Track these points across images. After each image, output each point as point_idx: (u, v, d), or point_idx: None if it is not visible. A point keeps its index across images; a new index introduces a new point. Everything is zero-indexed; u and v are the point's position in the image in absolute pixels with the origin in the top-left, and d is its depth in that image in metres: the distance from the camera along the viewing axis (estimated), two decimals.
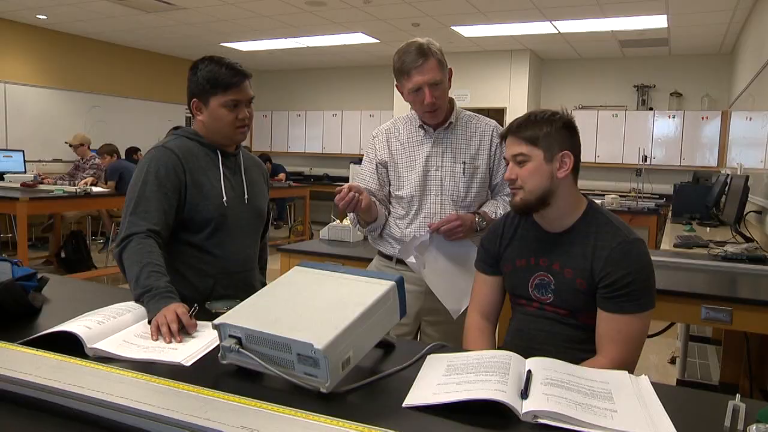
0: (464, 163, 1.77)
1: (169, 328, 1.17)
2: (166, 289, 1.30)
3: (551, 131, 1.33)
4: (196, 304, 1.33)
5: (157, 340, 1.16)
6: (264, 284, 1.74)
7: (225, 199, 1.56)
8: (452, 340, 1.63)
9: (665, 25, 5.75)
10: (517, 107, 7.23)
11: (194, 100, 1.56)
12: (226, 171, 1.61)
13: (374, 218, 1.77)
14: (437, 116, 1.72)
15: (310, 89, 9.59)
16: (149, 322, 1.22)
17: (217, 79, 1.51)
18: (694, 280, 2.15)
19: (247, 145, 9.22)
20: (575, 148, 1.37)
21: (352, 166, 8.35)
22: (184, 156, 1.54)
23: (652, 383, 1.00)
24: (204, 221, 1.54)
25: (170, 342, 1.15)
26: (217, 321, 1.01)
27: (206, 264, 1.55)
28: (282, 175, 7.94)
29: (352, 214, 1.79)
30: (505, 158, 1.40)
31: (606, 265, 1.30)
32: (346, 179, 8.67)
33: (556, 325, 1.39)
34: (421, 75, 1.65)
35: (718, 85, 7.05)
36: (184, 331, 1.19)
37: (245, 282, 1.64)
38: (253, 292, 1.69)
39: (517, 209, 1.39)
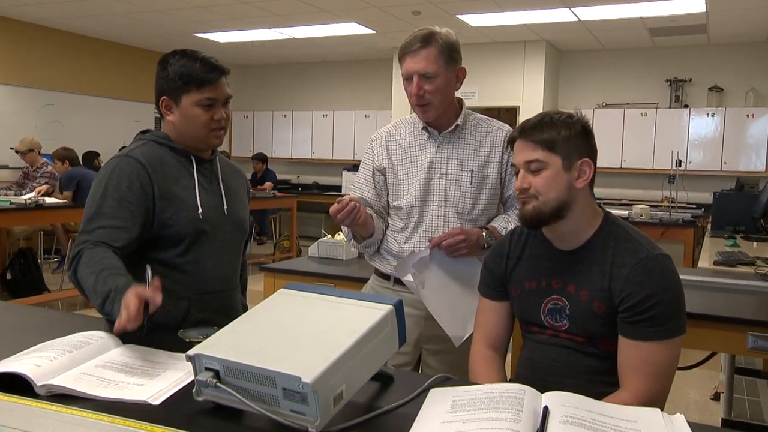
0: (472, 171, 1.79)
1: (129, 313, 1.15)
2: (127, 286, 1.27)
3: (570, 135, 1.35)
4: (148, 268, 1.29)
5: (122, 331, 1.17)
6: (246, 307, 1.75)
7: (201, 211, 1.58)
8: (457, 372, 1.64)
9: (703, 10, 5.80)
10: (531, 106, 7.27)
11: (164, 97, 1.58)
12: (201, 179, 1.63)
13: (371, 233, 1.79)
14: (428, 113, 1.75)
15: (297, 86, 9.64)
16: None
17: (191, 74, 1.53)
18: (738, 303, 2.16)
19: (226, 149, 9.24)
20: (593, 156, 1.39)
21: (344, 173, 8.44)
22: (152, 165, 1.56)
23: (693, 423, 1.00)
24: (177, 236, 1.56)
25: (136, 325, 1.15)
26: (191, 352, 1.02)
27: (178, 284, 1.56)
28: (268, 185, 7.96)
29: (346, 228, 1.81)
30: (513, 165, 1.42)
31: (626, 285, 1.31)
32: (338, 188, 8.69)
33: (573, 354, 1.40)
34: (413, 62, 1.70)
35: (765, 77, 7.10)
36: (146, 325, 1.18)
37: (224, 304, 1.65)
38: (235, 316, 1.70)
39: (527, 219, 1.39)
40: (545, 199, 1.35)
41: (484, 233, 1.76)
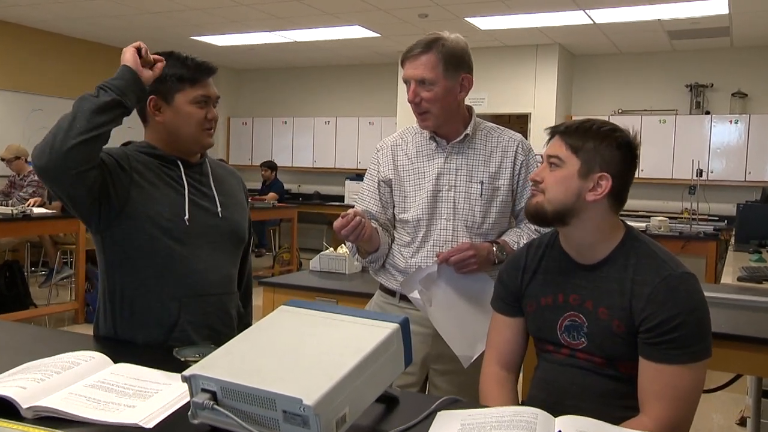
0: (482, 182, 1.80)
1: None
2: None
3: (599, 147, 1.37)
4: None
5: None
6: (241, 314, 1.76)
7: (187, 216, 1.60)
8: (466, 393, 1.64)
9: (726, 11, 5.80)
10: (543, 113, 7.29)
11: (152, 97, 1.60)
12: (191, 182, 1.65)
13: (376, 248, 1.80)
14: (426, 122, 1.77)
15: (298, 92, 9.68)
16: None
17: (184, 73, 1.59)
18: (764, 322, 2.15)
19: (223, 158, 9.28)
20: (622, 175, 1.38)
21: (348, 182, 8.47)
22: (135, 160, 1.58)
23: None
24: (162, 233, 1.56)
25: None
26: (187, 372, 1.02)
27: (169, 284, 1.58)
28: (272, 195, 7.95)
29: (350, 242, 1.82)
30: (541, 156, 1.46)
31: (648, 305, 1.31)
32: (341, 198, 8.71)
33: (590, 375, 1.40)
34: (411, 68, 1.73)
35: None
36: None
37: (219, 307, 1.66)
38: (229, 321, 1.69)
39: (528, 212, 1.44)
40: (549, 197, 1.38)
41: (494, 248, 1.76)
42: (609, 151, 1.37)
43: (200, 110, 1.61)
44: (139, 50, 1.50)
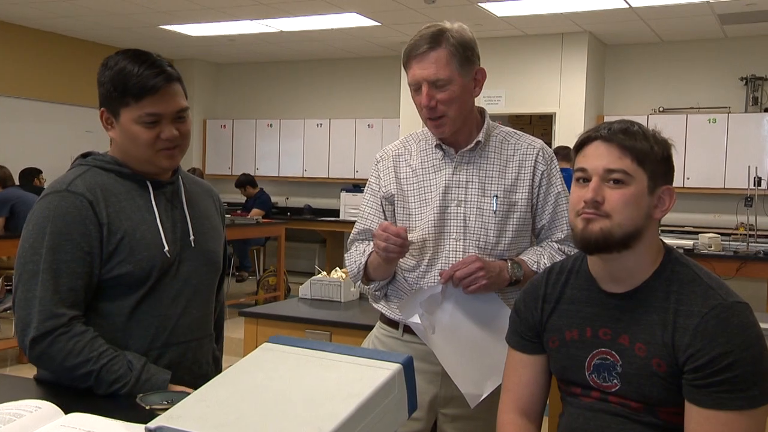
0: (496, 196, 1.80)
1: None
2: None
3: (661, 156, 1.37)
4: None
5: None
6: (217, 358, 1.76)
7: (167, 248, 1.59)
8: None
9: None
10: (570, 112, 7.30)
11: (103, 110, 1.58)
12: (163, 206, 1.63)
13: (390, 275, 1.83)
14: (442, 128, 1.77)
15: (285, 90, 9.74)
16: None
17: (127, 82, 1.51)
18: None
19: (199, 167, 9.30)
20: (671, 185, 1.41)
21: (343, 194, 8.50)
22: (98, 199, 1.54)
23: None
24: (135, 282, 1.56)
25: None
26: (152, 424, 1.02)
27: (136, 334, 1.57)
28: (255, 212, 7.96)
29: (356, 264, 1.83)
30: (583, 170, 1.38)
31: (695, 339, 1.31)
32: (335, 212, 8.73)
33: (626, 423, 1.39)
34: (420, 68, 1.72)
35: None
36: None
37: (191, 357, 1.65)
38: (199, 371, 1.68)
39: (590, 241, 1.35)
40: (619, 220, 1.34)
41: (509, 264, 1.77)
42: (666, 161, 1.39)
43: (147, 131, 1.53)
44: None
